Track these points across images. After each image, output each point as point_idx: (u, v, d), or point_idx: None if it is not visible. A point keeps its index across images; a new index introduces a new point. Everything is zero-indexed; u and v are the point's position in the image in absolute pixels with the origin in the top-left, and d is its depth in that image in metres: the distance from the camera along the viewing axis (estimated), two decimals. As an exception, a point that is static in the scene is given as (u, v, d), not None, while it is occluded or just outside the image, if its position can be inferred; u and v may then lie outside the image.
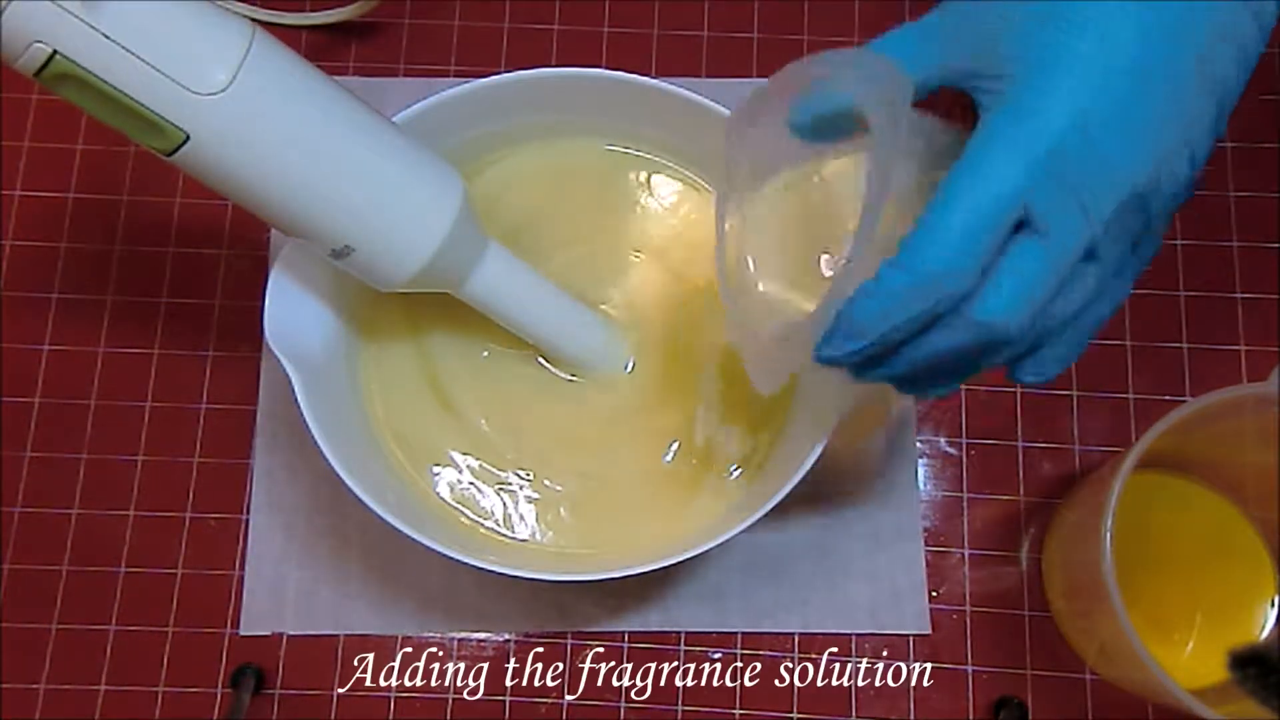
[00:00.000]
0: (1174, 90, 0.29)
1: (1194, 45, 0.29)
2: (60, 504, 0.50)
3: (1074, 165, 0.28)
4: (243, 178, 0.35)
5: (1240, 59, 0.30)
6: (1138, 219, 0.30)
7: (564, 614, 0.49)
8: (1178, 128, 0.29)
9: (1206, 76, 0.29)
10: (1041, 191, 0.28)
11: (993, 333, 0.29)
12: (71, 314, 0.52)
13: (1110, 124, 0.28)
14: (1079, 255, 0.29)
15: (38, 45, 0.31)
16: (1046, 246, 0.28)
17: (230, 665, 0.48)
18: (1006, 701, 0.47)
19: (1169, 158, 0.29)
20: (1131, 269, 0.32)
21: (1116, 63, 0.28)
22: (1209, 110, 0.29)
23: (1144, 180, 0.29)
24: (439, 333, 0.48)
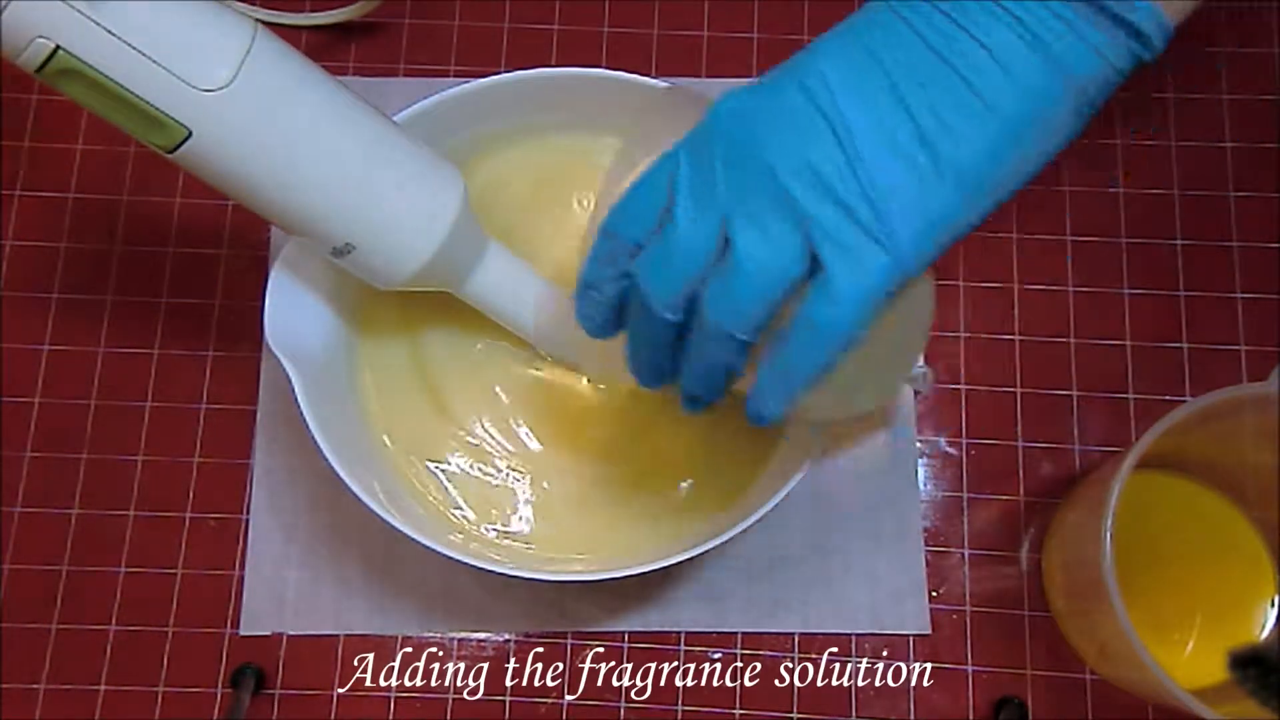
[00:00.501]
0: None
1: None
2: (60, 504, 0.50)
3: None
4: (244, 175, 0.35)
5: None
6: (852, 233, 0.30)
7: (564, 614, 0.49)
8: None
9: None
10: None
11: (706, 321, 0.31)
12: (71, 314, 0.52)
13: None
14: (768, 265, 0.30)
15: (40, 41, 0.31)
16: (736, 256, 0.30)
17: (230, 665, 0.48)
18: (1006, 701, 0.47)
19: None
20: (847, 294, 0.30)
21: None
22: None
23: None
24: (434, 332, 0.48)
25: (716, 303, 0.31)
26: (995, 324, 0.52)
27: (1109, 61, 0.29)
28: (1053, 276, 0.53)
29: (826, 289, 0.29)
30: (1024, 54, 0.29)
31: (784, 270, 0.30)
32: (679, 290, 0.31)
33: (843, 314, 0.30)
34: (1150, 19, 0.29)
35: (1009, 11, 0.29)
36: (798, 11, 0.56)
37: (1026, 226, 0.54)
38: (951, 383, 0.52)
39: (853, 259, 0.29)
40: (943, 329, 0.52)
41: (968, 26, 0.29)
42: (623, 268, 0.33)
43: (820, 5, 0.56)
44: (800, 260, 0.30)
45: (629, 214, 0.32)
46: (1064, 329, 0.52)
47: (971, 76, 0.29)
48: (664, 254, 0.31)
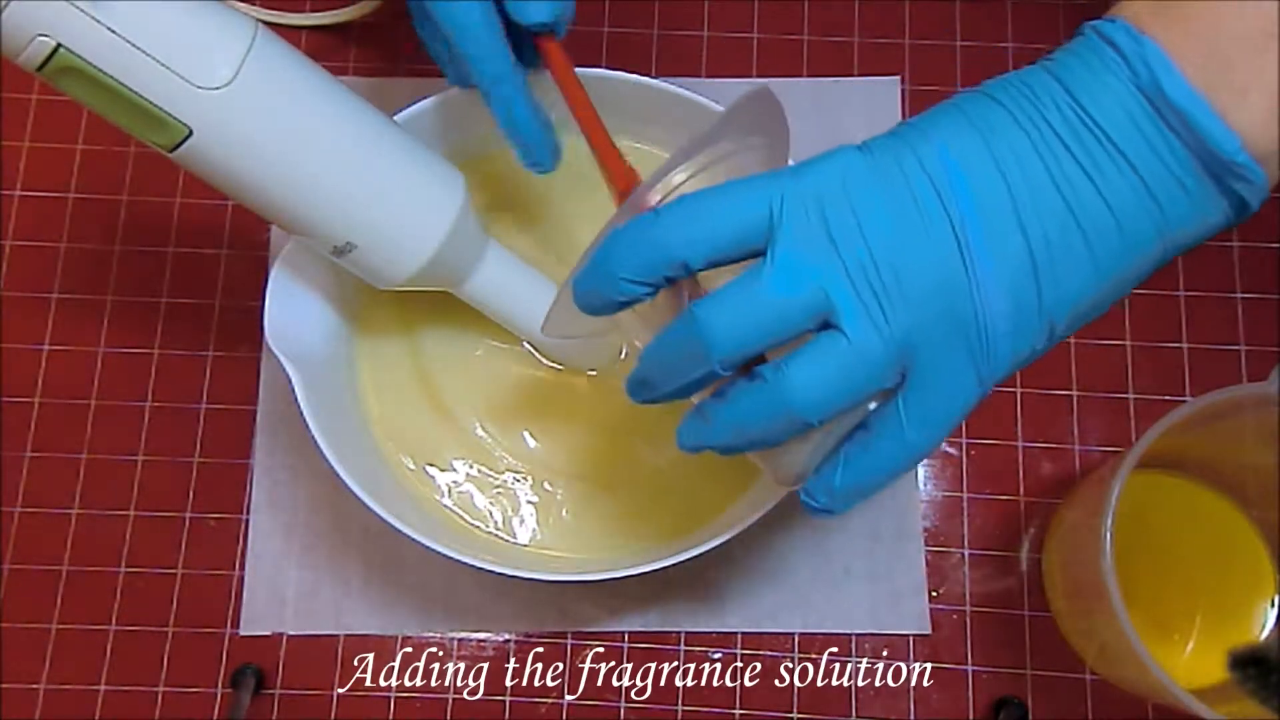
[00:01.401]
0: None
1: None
2: (60, 504, 0.50)
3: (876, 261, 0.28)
4: (245, 174, 0.35)
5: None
6: (959, 351, 0.29)
7: (564, 614, 0.49)
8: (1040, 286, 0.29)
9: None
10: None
11: (696, 331, 0.29)
12: (71, 314, 0.52)
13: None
14: (805, 299, 0.28)
15: (41, 39, 0.31)
16: (769, 267, 0.28)
17: (230, 665, 0.48)
18: (1006, 701, 0.47)
19: (1020, 310, 0.29)
20: (917, 405, 0.29)
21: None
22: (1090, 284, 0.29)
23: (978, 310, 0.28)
24: (434, 332, 0.48)
25: (805, 385, 0.28)
26: (995, 324, 0.52)
27: (1209, 226, 0.29)
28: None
29: (922, 411, 0.29)
30: (1140, 218, 0.28)
31: (882, 377, 0.29)
32: (747, 353, 0.29)
33: (933, 436, 0.29)
34: (1259, 195, 0.28)
35: (1132, 166, 0.28)
36: (797, 11, 0.56)
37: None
38: (951, 383, 0.52)
39: (951, 383, 0.29)
40: (943, 329, 0.52)
41: (1092, 174, 0.28)
42: (656, 278, 0.29)
43: (820, 5, 0.56)
44: (897, 372, 0.29)
45: (697, 227, 0.29)
46: (1064, 329, 0.52)
47: (1089, 229, 0.28)
48: (749, 310, 0.28)
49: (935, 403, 0.29)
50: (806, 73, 0.55)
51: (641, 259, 0.29)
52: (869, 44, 0.56)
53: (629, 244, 0.29)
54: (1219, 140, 0.27)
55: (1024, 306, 0.28)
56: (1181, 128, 0.27)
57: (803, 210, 0.28)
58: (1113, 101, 0.28)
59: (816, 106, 0.55)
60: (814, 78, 0.55)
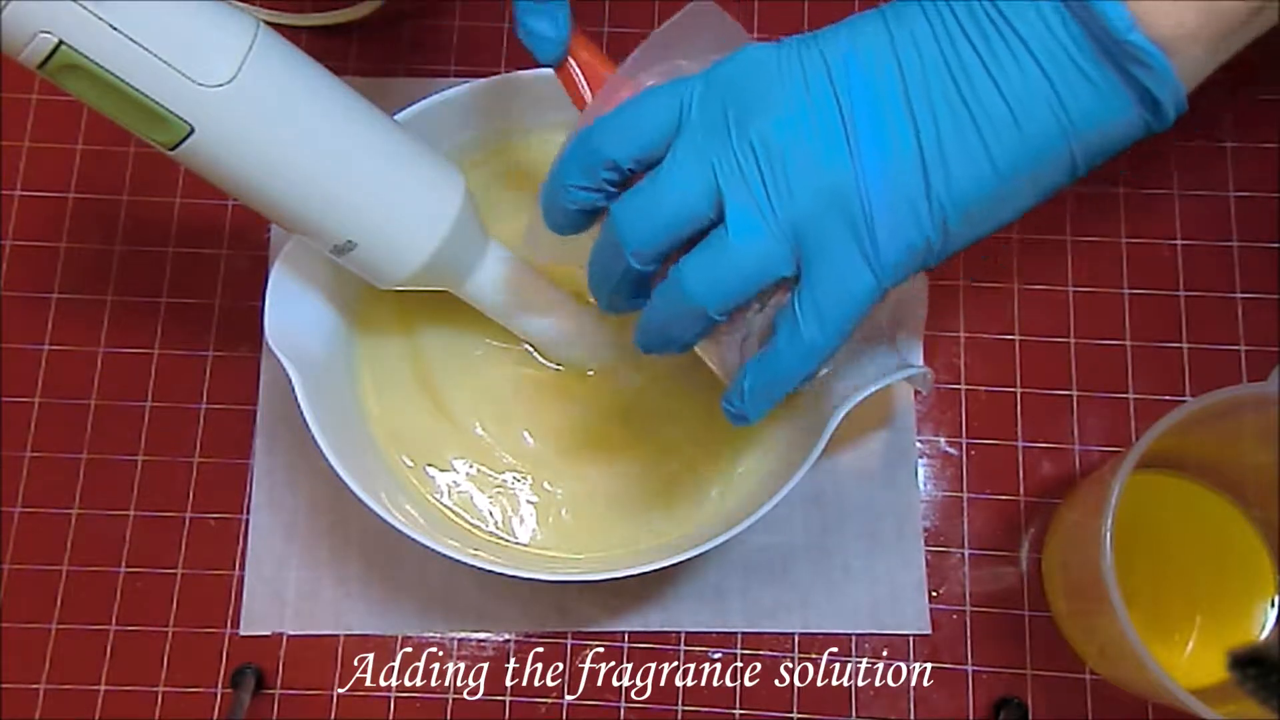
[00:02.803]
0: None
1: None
2: (60, 504, 0.50)
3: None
4: (246, 172, 0.35)
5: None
6: (847, 242, 0.29)
7: (564, 614, 0.49)
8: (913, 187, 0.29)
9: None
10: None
11: (612, 224, 0.31)
12: (71, 314, 0.52)
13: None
14: (761, 254, 0.29)
15: (43, 36, 0.31)
16: (671, 157, 0.30)
17: (230, 665, 0.48)
18: (1006, 701, 0.47)
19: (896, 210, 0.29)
20: (810, 305, 0.30)
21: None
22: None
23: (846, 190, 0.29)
24: (434, 332, 0.48)
25: (696, 276, 0.30)
26: (995, 324, 0.52)
27: (1120, 128, 0.28)
28: (1052, 277, 0.53)
29: (815, 306, 0.29)
30: (1039, 111, 0.28)
31: (774, 267, 0.29)
32: (657, 245, 0.30)
33: (829, 333, 0.30)
34: (1168, 90, 0.28)
35: (1034, 57, 0.27)
36: (797, 11, 0.56)
37: (1027, 227, 0.54)
38: (951, 383, 0.52)
39: (841, 276, 0.29)
40: (943, 329, 0.52)
41: (989, 63, 0.28)
42: (596, 183, 0.31)
43: (820, 5, 0.56)
44: (791, 262, 0.29)
45: (619, 131, 0.31)
46: (1064, 329, 0.52)
47: (982, 121, 0.28)
48: (651, 202, 0.30)
49: (827, 296, 0.29)
50: (806, 73, 0.55)
51: (581, 164, 0.31)
52: (869, 44, 0.56)
53: (570, 153, 0.32)
54: (1110, 16, 0.26)
55: (911, 198, 0.28)
56: (1080, 10, 0.27)
57: (706, 104, 0.30)
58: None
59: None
60: (814, 78, 0.55)
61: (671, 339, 0.32)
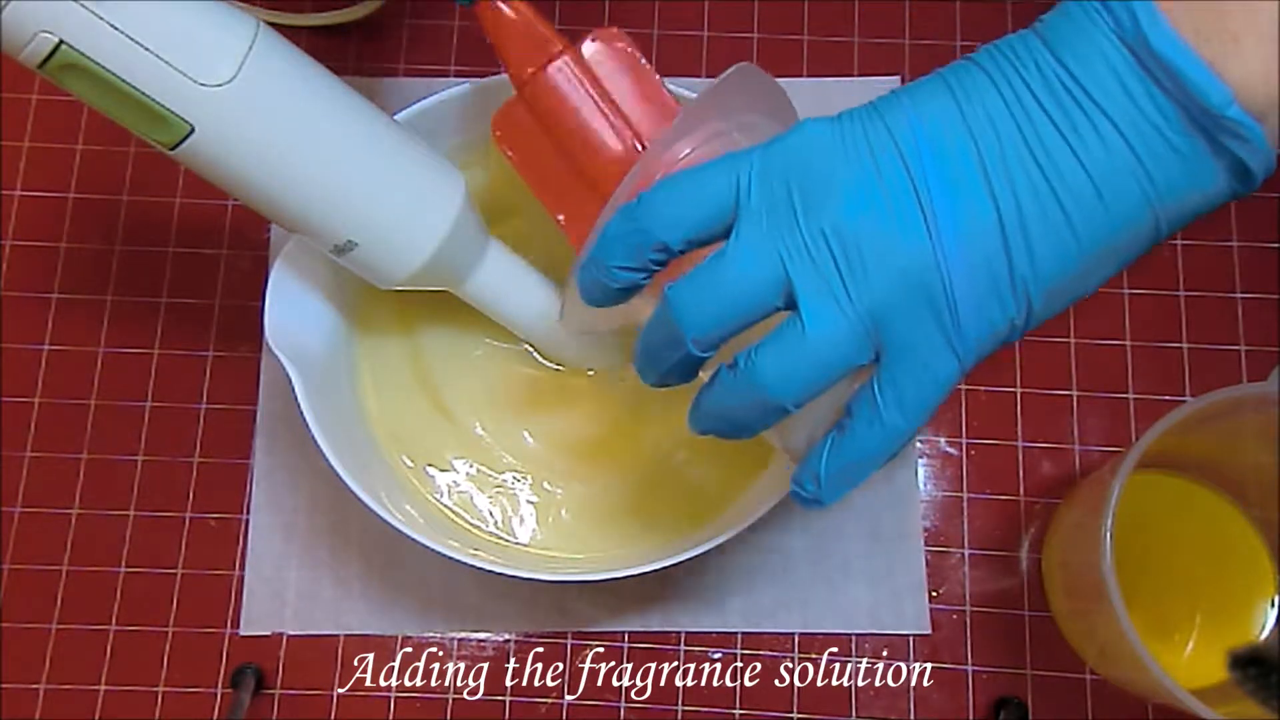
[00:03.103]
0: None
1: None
2: (60, 504, 0.50)
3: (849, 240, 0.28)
4: (246, 171, 0.35)
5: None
6: (929, 327, 0.28)
7: (564, 614, 0.49)
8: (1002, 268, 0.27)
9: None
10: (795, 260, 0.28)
11: (670, 313, 0.29)
12: (71, 314, 0.52)
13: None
14: (840, 343, 0.28)
15: (44, 35, 0.31)
16: (735, 243, 0.28)
17: (230, 665, 0.48)
18: (1006, 701, 0.47)
19: (981, 295, 0.27)
20: (891, 390, 0.29)
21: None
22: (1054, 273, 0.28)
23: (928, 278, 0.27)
24: (434, 332, 0.48)
25: (772, 368, 0.28)
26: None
27: (1209, 194, 0.27)
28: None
29: (897, 391, 0.28)
30: (1125, 184, 0.26)
31: (852, 356, 0.28)
32: (721, 333, 0.29)
33: (912, 417, 0.29)
34: (1261, 159, 0.26)
35: (1118, 130, 0.26)
36: (797, 11, 0.56)
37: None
38: (951, 383, 0.52)
39: (924, 360, 0.28)
40: (943, 329, 0.52)
41: (1070, 137, 0.26)
42: (642, 264, 0.30)
43: (820, 5, 0.56)
44: (870, 349, 0.28)
45: (671, 211, 0.29)
46: (1064, 329, 0.52)
47: (1065, 196, 0.27)
48: (715, 290, 0.28)
49: (910, 382, 0.28)
50: (806, 73, 0.55)
51: (627, 245, 0.30)
52: (869, 44, 0.56)
53: (614, 232, 0.30)
54: (1207, 92, 0.25)
55: (994, 277, 0.27)
56: (1168, 81, 0.26)
57: (767, 185, 0.28)
58: (1095, 56, 0.26)
59: (816, 106, 0.54)
60: (814, 78, 0.55)
61: (741, 427, 0.30)
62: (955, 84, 0.28)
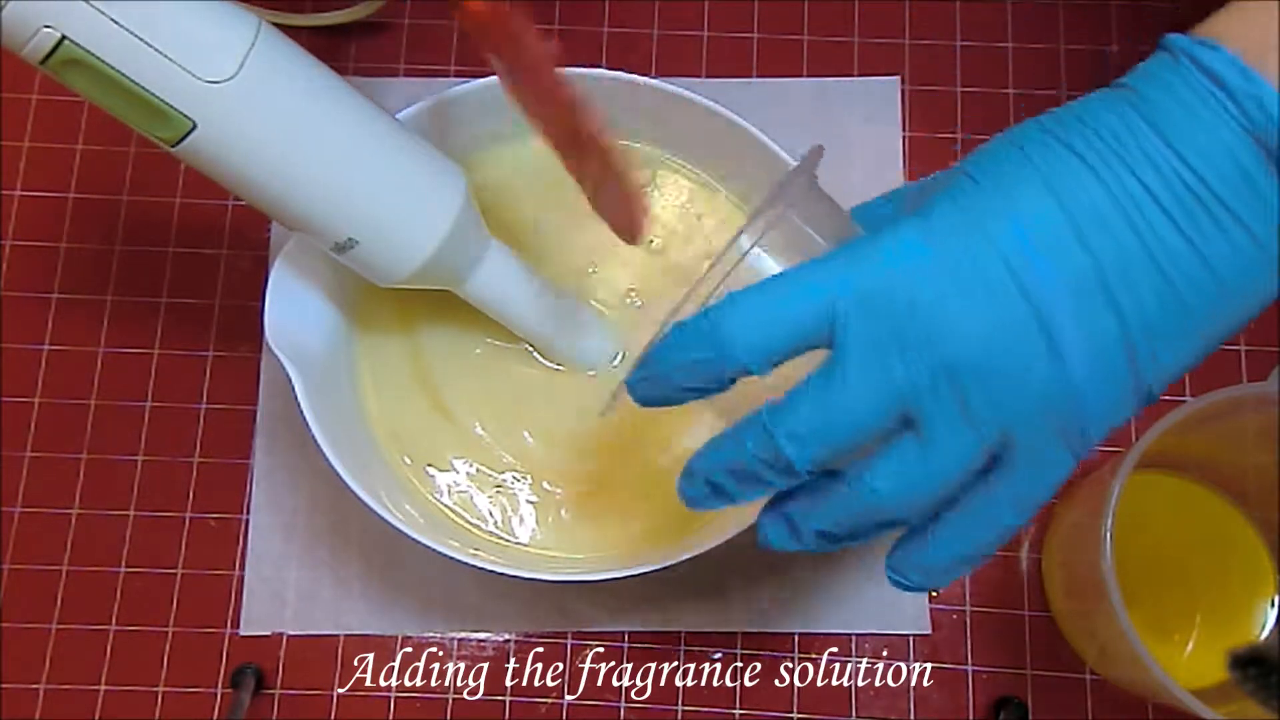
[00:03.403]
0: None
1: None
2: (60, 504, 0.50)
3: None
4: (248, 169, 0.35)
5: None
6: (1052, 437, 0.27)
7: (564, 614, 0.49)
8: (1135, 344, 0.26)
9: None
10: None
11: (772, 441, 0.27)
12: (71, 314, 0.52)
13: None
14: (880, 405, 0.26)
15: (46, 31, 0.31)
16: (841, 376, 0.26)
17: (230, 665, 0.48)
18: (1006, 701, 0.47)
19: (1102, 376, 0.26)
20: (1008, 486, 0.27)
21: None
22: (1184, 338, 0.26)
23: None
24: (435, 332, 0.48)
25: (888, 482, 0.27)
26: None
27: None
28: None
29: (1016, 496, 0.27)
30: (1249, 277, 0.25)
31: (972, 464, 0.27)
32: (827, 460, 0.27)
33: (1026, 518, 0.28)
34: None
35: (1244, 226, 0.25)
36: (797, 11, 0.56)
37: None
38: (951, 383, 0.52)
39: (1047, 468, 0.27)
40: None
41: (1192, 235, 0.25)
42: (718, 385, 0.28)
43: (820, 5, 0.56)
44: (986, 456, 0.27)
45: (755, 336, 0.27)
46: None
47: (1187, 292, 0.25)
48: (824, 419, 0.27)
49: (1028, 486, 0.27)
50: (806, 73, 0.55)
51: (700, 369, 0.28)
52: (869, 44, 0.56)
53: (685, 357, 0.28)
54: None
55: (1123, 388, 0.26)
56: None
57: (869, 318, 0.26)
58: (1219, 150, 0.24)
59: (816, 106, 0.55)
60: (814, 78, 0.55)
61: (852, 536, 0.29)
62: (1053, 177, 0.26)
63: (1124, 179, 0.25)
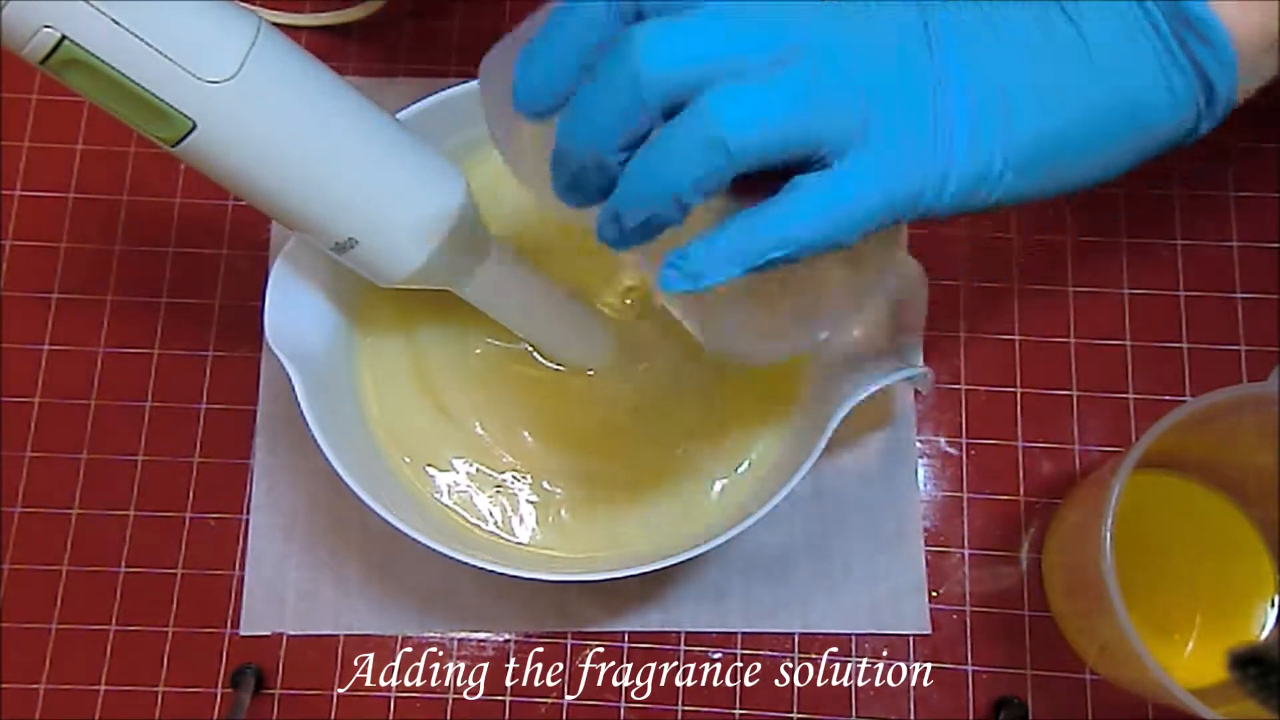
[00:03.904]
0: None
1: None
2: (60, 504, 0.50)
3: None
4: (248, 168, 0.35)
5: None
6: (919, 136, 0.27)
7: (564, 614, 0.49)
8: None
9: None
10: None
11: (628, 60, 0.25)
12: (71, 314, 0.52)
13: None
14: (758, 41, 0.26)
15: (46, 31, 0.31)
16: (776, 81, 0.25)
17: (230, 665, 0.48)
18: (1006, 701, 0.47)
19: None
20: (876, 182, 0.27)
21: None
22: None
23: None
24: (435, 332, 0.48)
25: (736, 109, 0.25)
26: (995, 324, 0.52)
27: (1178, 112, 0.29)
28: (1052, 277, 0.53)
29: (855, 164, 0.26)
30: (1111, 60, 0.28)
31: (834, 122, 0.26)
32: (680, 92, 0.25)
33: (823, 226, 0.26)
34: (1226, 80, 0.28)
35: (1115, 24, 0.28)
36: (798, 12, 0.56)
37: (1027, 227, 0.54)
38: (951, 383, 0.52)
39: (898, 151, 0.27)
40: (943, 329, 0.52)
41: (1075, 17, 0.28)
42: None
43: (820, 5, 0.56)
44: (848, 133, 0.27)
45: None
46: (1064, 329, 0.52)
47: (1060, 58, 0.28)
48: (700, 38, 0.25)
49: (871, 168, 0.27)
50: (806, 73, 0.55)
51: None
52: (869, 44, 0.56)
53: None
54: (1191, 7, 0.27)
55: (991, 122, 0.27)
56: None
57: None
58: None
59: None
60: (814, 78, 0.55)
61: (656, 207, 0.27)
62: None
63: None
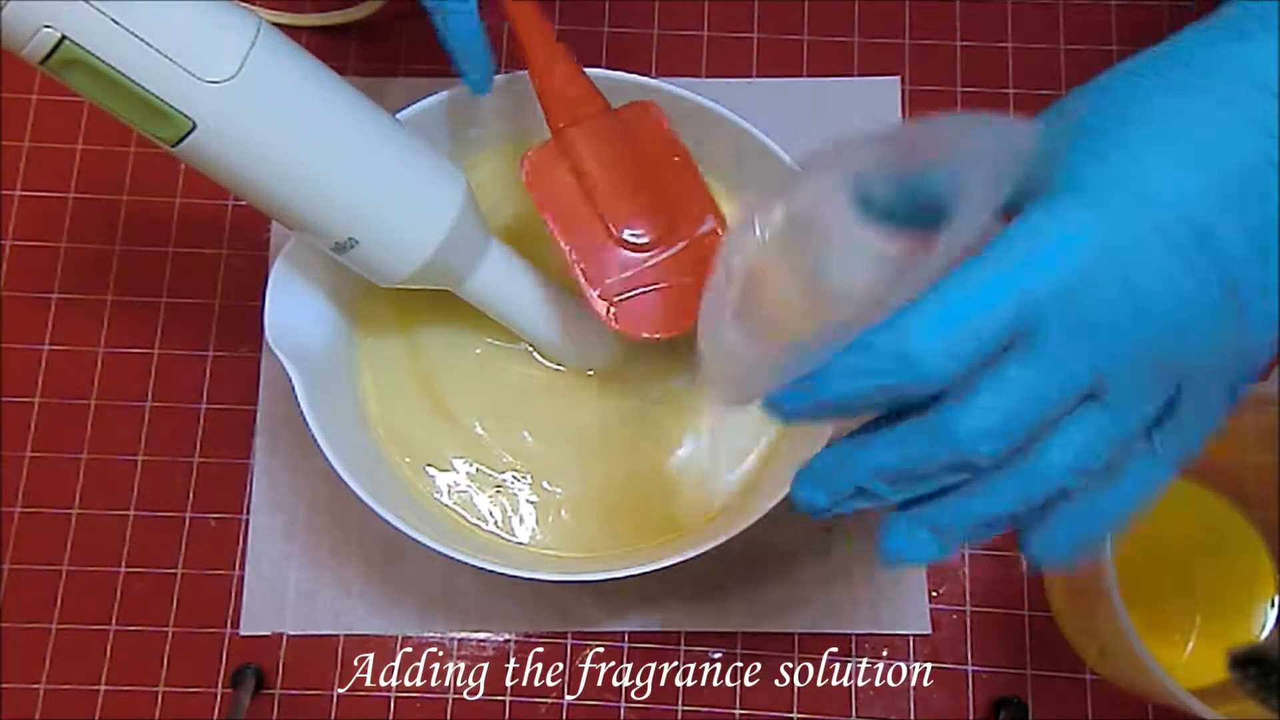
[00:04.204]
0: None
1: None
2: (60, 504, 0.50)
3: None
4: (249, 169, 0.35)
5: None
6: (1220, 388, 0.27)
7: (564, 614, 0.49)
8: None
9: None
10: (1051, 308, 0.25)
11: (956, 443, 0.25)
12: (71, 314, 0.52)
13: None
14: (1078, 388, 0.25)
15: (46, 31, 0.31)
16: (1038, 366, 0.25)
17: (230, 665, 0.48)
18: (1006, 701, 0.47)
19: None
20: (1173, 443, 0.27)
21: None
22: None
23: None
24: (434, 332, 0.48)
25: (1069, 454, 0.26)
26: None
27: None
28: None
29: (1179, 449, 0.27)
30: None
31: (1147, 424, 0.27)
32: (1008, 451, 0.26)
33: (1180, 470, 0.27)
34: None
35: None
36: (797, 11, 0.56)
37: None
38: (951, 383, 0.52)
39: (1210, 417, 0.27)
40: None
41: None
42: (889, 390, 0.25)
43: (820, 5, 0.56)
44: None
45: (945, 347, 0.24)
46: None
47: None
48: (1017, 409, 0.25)
49: (1194, 439, 0.27)
50: (806, 73, 0.55)
51: (882, 392, 0.25)
52: (869, 44, 0.56)
53: (864, 378, 0.25)
54: None
55: (1272, 327, 0.26)
56: None
57: (1065, 301, 0.25)
58: None
59: (817, 106, 0.55)
60: (814, 78, 0.55)
61: (992, 528, 0.27)
62: (1177, 125, 0.26)
63: (1262, 117, 0.25)
